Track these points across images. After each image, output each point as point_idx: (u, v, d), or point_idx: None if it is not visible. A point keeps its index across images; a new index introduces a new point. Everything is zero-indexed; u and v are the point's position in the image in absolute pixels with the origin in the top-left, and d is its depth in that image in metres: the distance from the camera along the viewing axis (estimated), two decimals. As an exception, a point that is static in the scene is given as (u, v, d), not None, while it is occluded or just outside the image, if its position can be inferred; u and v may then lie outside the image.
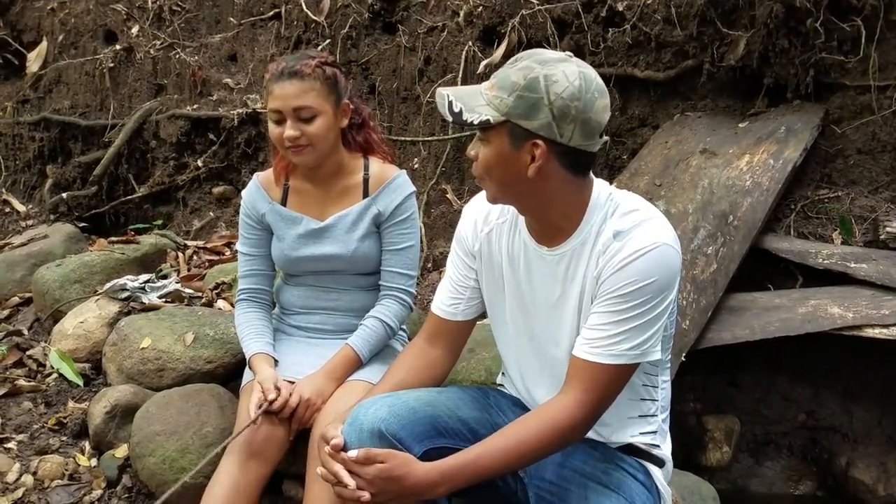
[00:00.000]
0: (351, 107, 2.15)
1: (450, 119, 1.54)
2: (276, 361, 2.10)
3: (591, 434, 1.68)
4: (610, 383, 1.55)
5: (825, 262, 2.81)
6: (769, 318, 2.68)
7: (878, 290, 2.68)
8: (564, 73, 1.47)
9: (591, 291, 1.58)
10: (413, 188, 2.21)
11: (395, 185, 2.18)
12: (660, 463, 1.73)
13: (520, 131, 1.49)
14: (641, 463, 1.70)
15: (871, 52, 2.98)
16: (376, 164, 2.21)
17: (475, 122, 1.51)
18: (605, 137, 1.58)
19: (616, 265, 1.52)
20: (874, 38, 2.97)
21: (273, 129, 2.08)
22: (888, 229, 2.85)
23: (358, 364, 2.10)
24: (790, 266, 2.93)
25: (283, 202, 2.22)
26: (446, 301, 1.85)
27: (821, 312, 2.65)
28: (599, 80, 1.53)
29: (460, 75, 3.66)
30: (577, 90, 1.46)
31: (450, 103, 1.53)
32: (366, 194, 2.18)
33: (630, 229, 1.54)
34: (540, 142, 1.48)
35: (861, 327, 2.60)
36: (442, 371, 1.87)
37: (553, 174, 1.53)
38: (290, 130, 2.03)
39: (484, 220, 1.77)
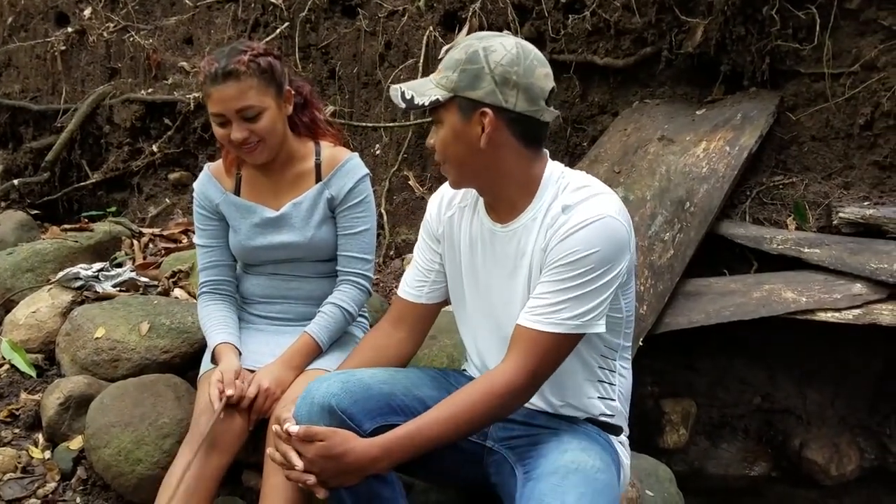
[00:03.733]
0: (292, 91, 2.11)
1: (403, 107, 1.60)
2: (240, 352, 2.08)
3: (550, 409, 1.72)
4: (549, 351, 1.56)
5: (780, 247, 2.86)
6: (725, 302, 2.73)
7: (831, 275, 2.74)
8: (502, 43, 1.55)
9: (539, 263, 1.61)
10: (366, 171, 2.18)
11: (347, 169, 2.14)
12: (616, 431, 1.76)
13: (467, 103, 1.55)
14: (602, 431, 1.74)
15: (825, 40, 3.03)
16: (327, 149, 2.18)
17: (426, 104, 1.56)
18: (555, 110, 1.62)
19: (561, 235, 1.56)
20: (828, 26, 3.02)
21: (218, 131, 2.03)
22: (841, 215, 2.90)
23: (317, 351, 2.09)
24: (745, 251, 2.98)
25: (237, 192, 2.18)
26: (412, 284, 1.87)
27: (775, 297, 2.70)
28: (539, 52, 1.59)
29: (421, 60, 3.64)
30: (516, 56, 1.53)
31: (402, 93, 1.60)
32: (318, 179, 2.15)
33: (577, 202, 1.58)
34: (487, 109, 1.53)
35: (814, 311, 2.66)
36: (405, 353, 1.88)
37: (504, 144, 1.58)
38: (236, 133, 1.98)
39: (448, 204, 1.81)
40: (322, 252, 2.18)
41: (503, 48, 1.53)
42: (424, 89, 1.58)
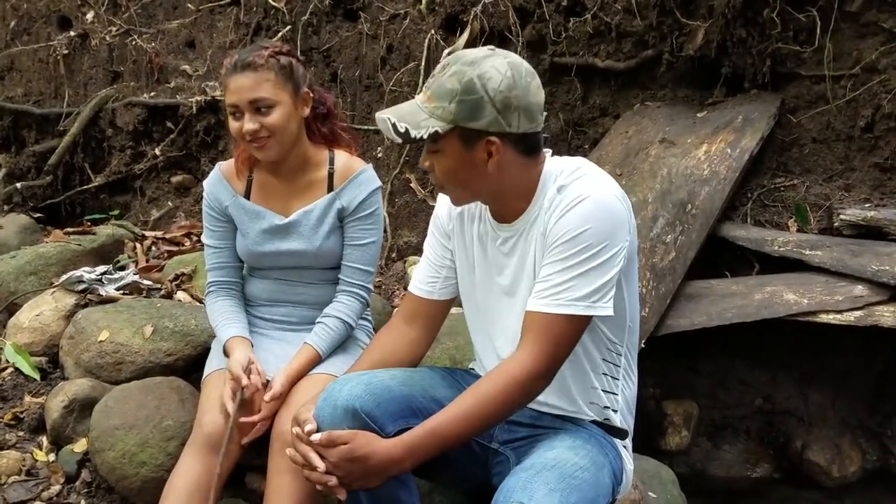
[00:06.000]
0: (312, 96, 2.11)
1: (399, 141, 1.56)
2: (252, 344, 2.08)
3: (556, 411, 1.72)
4: (561, 335, 1.56)
5: (781, 249, 2.87)
6: (726, 304, 2.73)
7: (832, 277, 2.74)
8: (494, 67, 1.51)
9: (541, 248, 1.61)
10: (379, 183, 2.17)
11: (361, 180, 2.14)
12: (622, 435, 1.76)
13: (470, 133, 1.53)
14: (606, 434, 1.74)
15: (825, 43, 3.04)
16: (342, 158, 2.17)
17: (425, 137, 1.53)
18: (544, 113, 1.63)
19: (557, 215, 1.56)
20: (829, 29, 3.03)
21: (232, 124, 2.03)
22: (842, 217, 2.91)
23: (318, 362, 2.08)
24: (747, 253, 2.99)
25: (247, 195, 2.18)
26: (423, 280, 1.87)
27: (777, 299, 2.71)
28: (526, 63, 1.58)
29: (423, 64, 3.65)
30: (512, 80, 1.51)
31: (393, 125, 1.55)
32: (330, 188, 2.14)
33: (570, 182, 1.59)
34: (493, 138, 1.53)
35: (816, 313, 2.66)
36: (419, 351, 1.88)
37: (510, 163, 1.58)
38: (248, 124, 1.98)
39: None
40: (328, 261, 2.18)
41: (497, 73, 1.51)
42: (418, 120, 1.54)
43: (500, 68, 1.51)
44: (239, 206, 2.17)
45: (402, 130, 1.54)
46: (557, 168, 1.65)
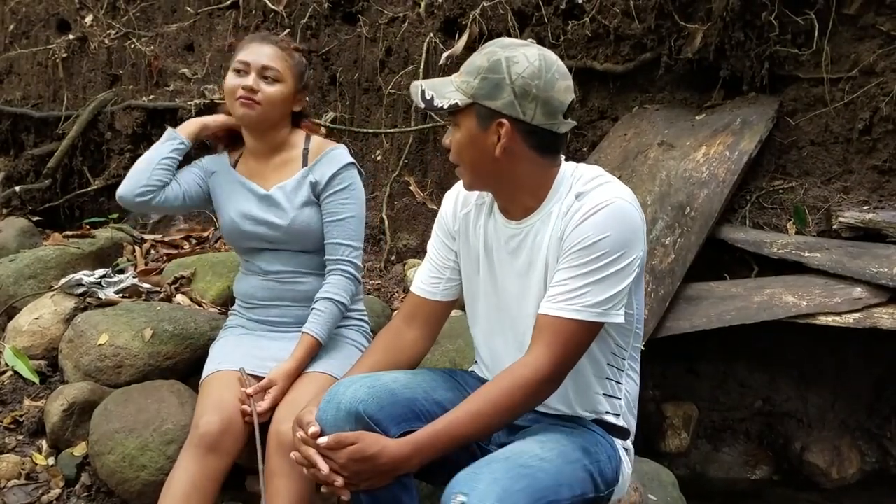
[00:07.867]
0: (307, 100, 2.23)
1: (422, 106, 1.62)
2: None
3: (558, 413, 1.72)
4: (573, 339, 1.56)
5: (780, 251, 2.87)
6: (726, 306, 2.74)
7: (831, 279, 2.75)
8: (525, 55, 1.55)
9: (556, 253, 1.61)
10: (351, 160, 2.23)
11: (332, 156, 2.21)
12: (623, 434, 1.76)
13: (485, 111, 1.56)
14: (606, 433, 1.74)
15: (823, 46, 3.05)
16: (316, 139, 2.28)
17: (445, 107, 1.58)
18: (572, 121, 1.63)
19: (576, 221, 1.57)
20: (827, 32, 3.04)
21: (231, 80, 2.14)
22: (840, 219, 2.92)
23: (318, 348, 2.11)
24: (746, 256, 2.99)
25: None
26: (426, 280, 1.87)
27: (776, 301, 2.71)
28: (561, 64, 1.59)
29: (422, 67, 3.65)
30: (538, 70, 1.54)
31: (422, 91, 1.61)
32: (304, 165, 2.23)
33: (590, 190, 1.60)
34: (504, 120, 1.55)
35: (815, 315, 2.67)
36: (419, 353, 1.88)
37: (520, 154, 1.59)
38: (249, 81, 2.11)
39: (463, 201, 1.82)
40: (304, 238, 2.21)
41: (526, 60, 1.54)
42: (444, 91, 1.60)
43: (529, 57, 1.55)
44: (229, 173, 2.30)
45: (429, 98, 1.60)
46: (575, 174, 1.65)
